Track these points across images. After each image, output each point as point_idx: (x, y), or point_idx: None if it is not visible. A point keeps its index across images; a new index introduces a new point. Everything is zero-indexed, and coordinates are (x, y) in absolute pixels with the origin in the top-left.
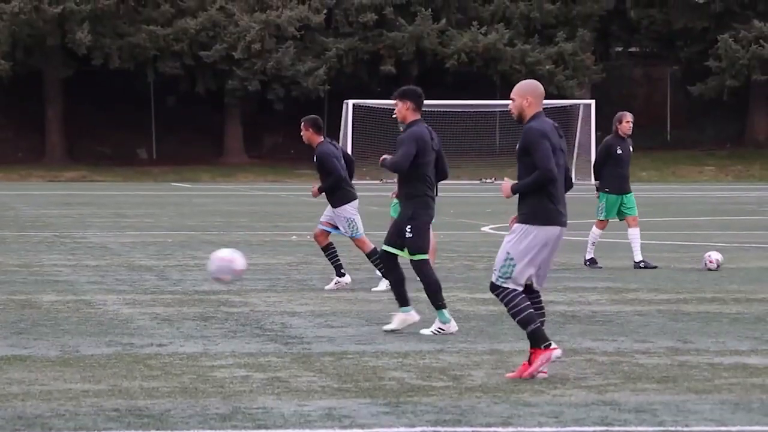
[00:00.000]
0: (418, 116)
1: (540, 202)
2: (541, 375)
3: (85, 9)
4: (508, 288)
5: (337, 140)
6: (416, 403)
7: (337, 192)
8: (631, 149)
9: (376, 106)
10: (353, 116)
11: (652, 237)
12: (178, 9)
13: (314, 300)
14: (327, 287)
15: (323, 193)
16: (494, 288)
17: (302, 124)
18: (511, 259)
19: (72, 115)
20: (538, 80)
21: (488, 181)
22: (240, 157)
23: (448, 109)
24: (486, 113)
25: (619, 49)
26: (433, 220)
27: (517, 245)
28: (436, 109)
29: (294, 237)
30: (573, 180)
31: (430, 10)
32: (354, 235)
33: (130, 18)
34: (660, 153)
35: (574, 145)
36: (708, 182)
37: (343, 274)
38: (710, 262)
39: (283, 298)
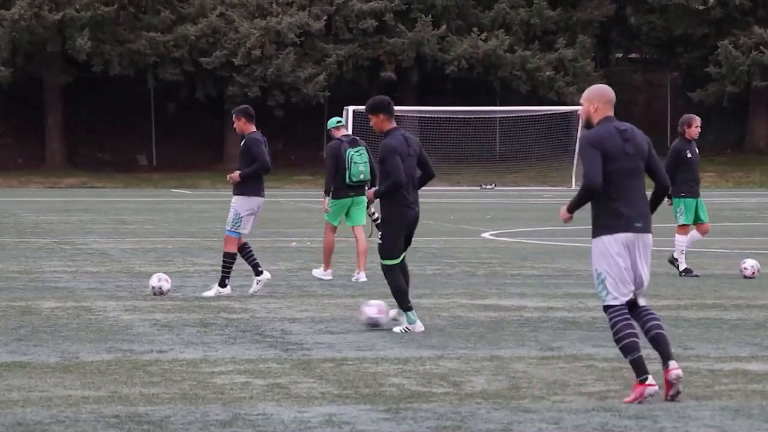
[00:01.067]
0: (393, 123)
1: (602, 210)
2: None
3: (85, 15)
4: (611, 307)
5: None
6: (416, 409)
7: (247, 182)
8: (697, 151)
9: None
10: (353, 122)
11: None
12: (178, 15)
13: (314, 306)
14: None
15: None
16: (604, 310)
17: (233, 115)
18: (600, 273)
19: (72, 122)
20: (538, 86)
21: (488, 187)
22: None
23: (448, 115)
24: (486, 119)
25: (620, 55)
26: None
27: (598, 260)
28: (436, 115)
29: (294, 243)
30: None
31: (430, 16)
32: (230, 231)
33: (130, 24)
34: (660, 159)
35: (574, 152)
36: (708, 188)
37: (261, 272)
38: (745, 269)
39: (283, 305)
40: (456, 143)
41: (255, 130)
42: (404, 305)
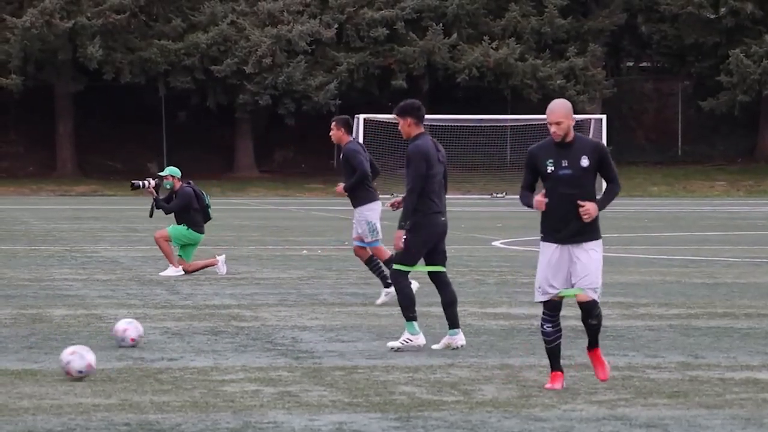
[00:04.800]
0: (420, 129)
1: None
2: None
3: (97, 23)
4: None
5: None
6: (427, 417)
7: (361, 191)
8: None
9: (387, 120)
10: (364, 131)
11: (662, 252)
12: (189, 24)
13: (325, 314)
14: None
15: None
16: (596, 306)
17: (333, 123)
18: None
19: (83, 130)
20: (549, 95)
21: (499, 195)
22: (251, 172)
23: (458, 124)
24: (497, 128)
25: (630, 63)
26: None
27: (601, 261)
28: (446, 124)
29: (304, 251)
30: None
31: (441, 24)
32: (372, 243)
33: (142, 32)
34: (671, 168)
35: None
36: (719, 197)
37: (390, 284)
38: None
39: (293, 313)
40: (467, 151)
41: (351, 139)
42: (408, 314)
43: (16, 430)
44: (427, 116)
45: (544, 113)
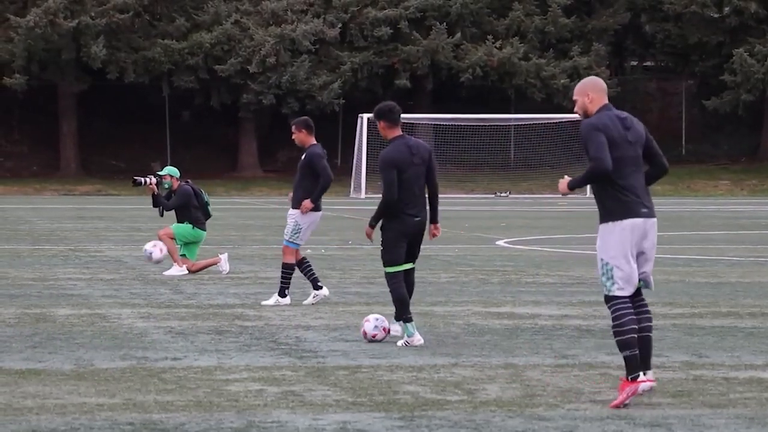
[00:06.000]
0: (396, 132)
1: (613, 197)
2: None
3: (100, 23)
4: (616, 297)
5: (352, 153)
6: (431, 417)
7: (308, 196)
8: None
9: None
10: (368, 130)
11: (666, 251)
12: (193, 23)
13: (328, 314)
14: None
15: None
16: (606, 300)
17: (293, 126)
18: (606, 263)
19: (86, 129)
20: (552, 94)
21: (503, 194)
22: (254, 171)
23: (462, 123)
24: (501, 127)
25: (634, 63)
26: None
27: (604, 247)
28: (450, 123)
29: (308, 251)
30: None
31: (444, 24)
32: (289, 242)
33: (145, 32)
34: (675, 167)
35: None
36: (723, 196)
37: (320, 287)
38: None
39: (297, 312)
40: (470, 151)
41: (315, 142)
42: (403, 316)
43: (19, 429)
44: (430, 115)
45: (547, 112)
